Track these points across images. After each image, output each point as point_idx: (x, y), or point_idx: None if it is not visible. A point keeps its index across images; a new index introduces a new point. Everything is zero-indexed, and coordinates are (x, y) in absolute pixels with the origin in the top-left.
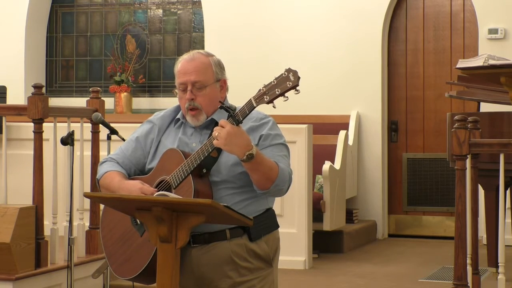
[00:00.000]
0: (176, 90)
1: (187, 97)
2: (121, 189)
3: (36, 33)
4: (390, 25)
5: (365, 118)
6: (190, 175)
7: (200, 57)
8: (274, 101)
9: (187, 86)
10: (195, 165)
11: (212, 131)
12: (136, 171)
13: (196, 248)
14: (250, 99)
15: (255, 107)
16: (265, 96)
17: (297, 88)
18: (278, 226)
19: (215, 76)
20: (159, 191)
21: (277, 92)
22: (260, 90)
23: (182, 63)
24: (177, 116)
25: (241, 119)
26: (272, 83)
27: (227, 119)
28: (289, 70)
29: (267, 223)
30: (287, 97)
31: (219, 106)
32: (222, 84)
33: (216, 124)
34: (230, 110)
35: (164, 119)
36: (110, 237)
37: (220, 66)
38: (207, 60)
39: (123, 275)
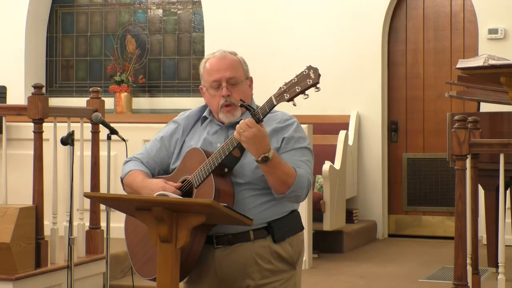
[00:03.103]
0: (204, 89)
1: (223, 93)
2: (144, 187)
3: (36, 33)
4: (390, 25)
5: (365, 118)
6: (212, 174)
7: (229, 55)
8: (295, 99)
9: (221, 83)
10: (217, 164)
11: None
12: (160, 171)
13: (220, 249)
14: (271, 97)
15: (275, 105)
16: (285, 94)
17: (318, 85)
18: (303, 228)
19: (245, 73)
20: (181, 188)
21: (297, 90)
22: (280, 88)
23: (213, 61)
24: (204, 114)
25: (262, 117)
26: (293, 80)
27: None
28: (309, 68)
29: (292, 225)
30: (307, 94)
31: (239, 104)
32: (250, 82)
33: None
34: (250, 108)
35: (189, 119)
36: (134, 237)
37: (246, 64)
38: (237, 58)
39: (145, 275)
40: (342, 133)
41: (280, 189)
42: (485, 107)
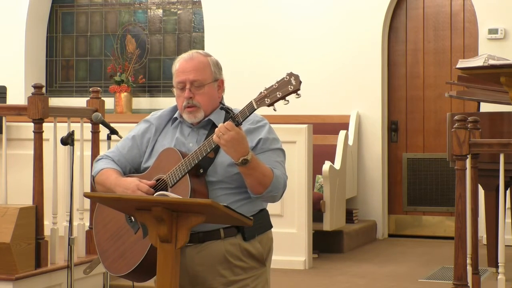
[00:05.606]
0: (174, 89)
1: (186, 95)
2: (118, 185)
3: (36, 33)
4: (390, 25)
5: (365, 118)
6: (187, 174)
7: (198, 56)
8: (275, 104)
9: (186, 85)
10: (193, 165)
11: (209, 131)
12: (131, 170)
13: (190, 247)
14: (251, 101)
15: (255, 109)
16: (266, 99)
17: (298, 92)
18: (271, 227)
19: (213, 75)
20: (155, 187)
21: (278, 96)
22: (261, 92)
23: (181, 62)
24: (175, 115)
25: (241, 120)
26: (274, 86)
27: (225, 120)
28: (290, 74)
29: (261, 223)
30: (288, 100)
31: (219, 107)
32: (219, 84)
33: (214, 125)
34: (230, 111)
35: (161, 119)
36: (104, 233)
37: (218, 66)
38: (206, 60)
39: (116, 271)
40: (342, 133)
41: (258, 189)
42: (485, 107)
